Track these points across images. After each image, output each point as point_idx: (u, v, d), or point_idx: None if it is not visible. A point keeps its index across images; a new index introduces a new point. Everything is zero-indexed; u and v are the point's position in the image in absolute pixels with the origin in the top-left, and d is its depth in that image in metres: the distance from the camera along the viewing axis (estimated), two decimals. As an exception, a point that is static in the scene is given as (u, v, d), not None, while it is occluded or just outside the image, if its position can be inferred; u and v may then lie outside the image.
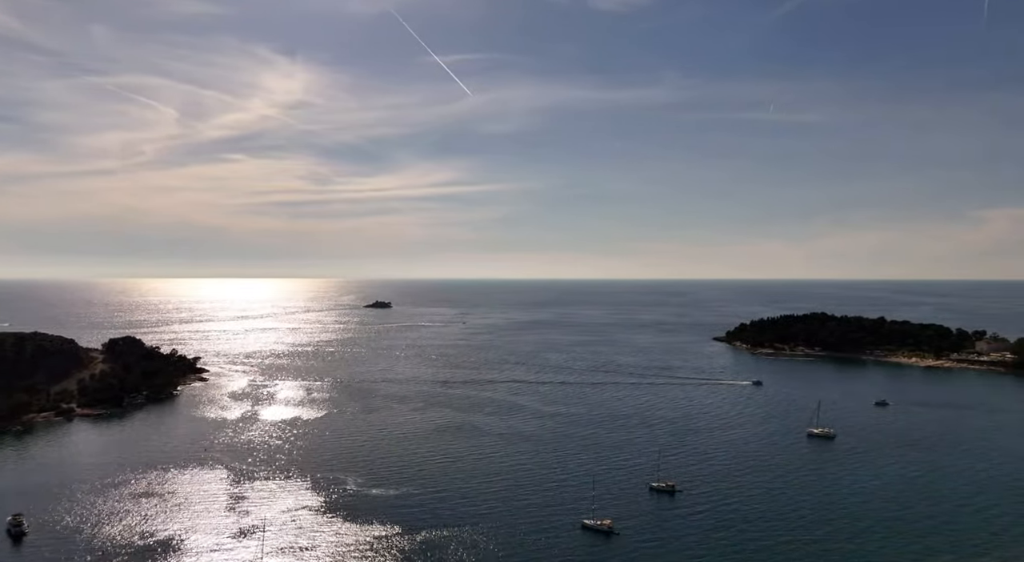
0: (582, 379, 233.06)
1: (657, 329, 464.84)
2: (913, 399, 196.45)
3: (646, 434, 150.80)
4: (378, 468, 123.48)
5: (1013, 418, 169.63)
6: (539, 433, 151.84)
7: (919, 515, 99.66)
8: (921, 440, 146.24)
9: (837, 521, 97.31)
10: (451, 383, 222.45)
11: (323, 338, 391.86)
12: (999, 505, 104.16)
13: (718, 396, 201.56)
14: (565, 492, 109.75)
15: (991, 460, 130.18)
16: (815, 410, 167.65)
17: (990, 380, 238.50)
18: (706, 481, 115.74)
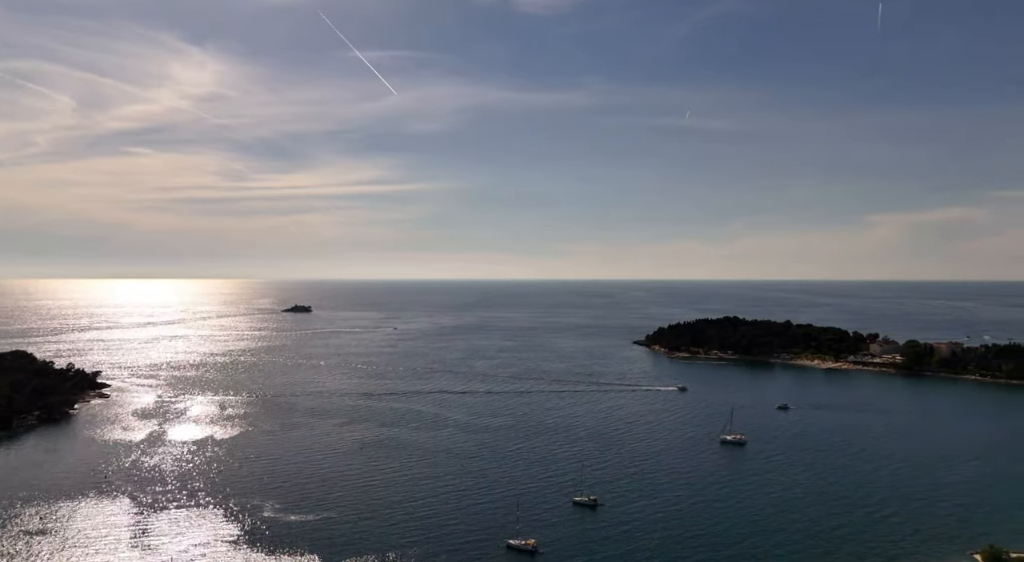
0: (508, 388, 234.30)
1: (581, 332, 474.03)
2: (813, 402, 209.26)
3: (569, 446, 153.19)
4: (298, 492, 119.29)
5: (903, 420, 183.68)
6: (465, 448, 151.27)
7: (826, 523, 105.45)
8: (822, 444, 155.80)
9: (750, 531, 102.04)
10: (375, 395, 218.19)
11: (238, 346, 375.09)
12: (898, 512, 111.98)
13: (639, 403, 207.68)
14: (490, 511, 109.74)
15: (886, 463, 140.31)
16: (728, 417, 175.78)
17: (882, 381, 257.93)
18: (626, 493, 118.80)
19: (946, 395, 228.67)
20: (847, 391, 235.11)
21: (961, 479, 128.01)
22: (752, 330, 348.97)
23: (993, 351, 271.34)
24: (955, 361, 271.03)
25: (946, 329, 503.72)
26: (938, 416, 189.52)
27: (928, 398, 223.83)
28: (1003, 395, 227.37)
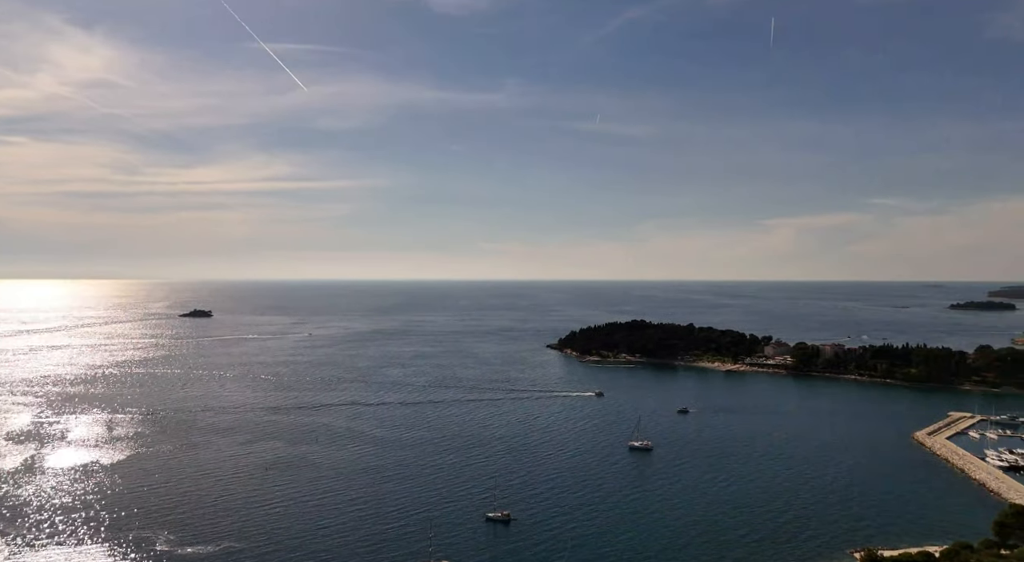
0: (423, 397, 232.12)
1: (499, 336, 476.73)
2: (712, 405, 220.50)
3: (484, 458, 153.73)
4: (195, 520, 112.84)
5: (792, 421, 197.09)
6: (377, 464, 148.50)
7: (725, 529, 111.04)
8: (721, 448, 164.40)
9: (655, 540, 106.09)
10: (283, 409, 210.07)
11: (128, 357, 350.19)
12: (789, 513, 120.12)
13: (555, 410, 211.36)
14: (403, 534, 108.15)
15: (778, 465, 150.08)
16: (636, 423, 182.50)
17: (774, 382, 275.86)
18: (539, 506, 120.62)
19: (830, 395, 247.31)
20: (743, 393, 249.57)
21: (843, 479, 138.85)
22: (658, 333, 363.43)
23: (870, 352, 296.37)
24: (838, 362, 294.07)
25: (832, 330, 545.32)
26: (823, 416, 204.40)
27: (814, 398, 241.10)
28: (878, 393, 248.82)
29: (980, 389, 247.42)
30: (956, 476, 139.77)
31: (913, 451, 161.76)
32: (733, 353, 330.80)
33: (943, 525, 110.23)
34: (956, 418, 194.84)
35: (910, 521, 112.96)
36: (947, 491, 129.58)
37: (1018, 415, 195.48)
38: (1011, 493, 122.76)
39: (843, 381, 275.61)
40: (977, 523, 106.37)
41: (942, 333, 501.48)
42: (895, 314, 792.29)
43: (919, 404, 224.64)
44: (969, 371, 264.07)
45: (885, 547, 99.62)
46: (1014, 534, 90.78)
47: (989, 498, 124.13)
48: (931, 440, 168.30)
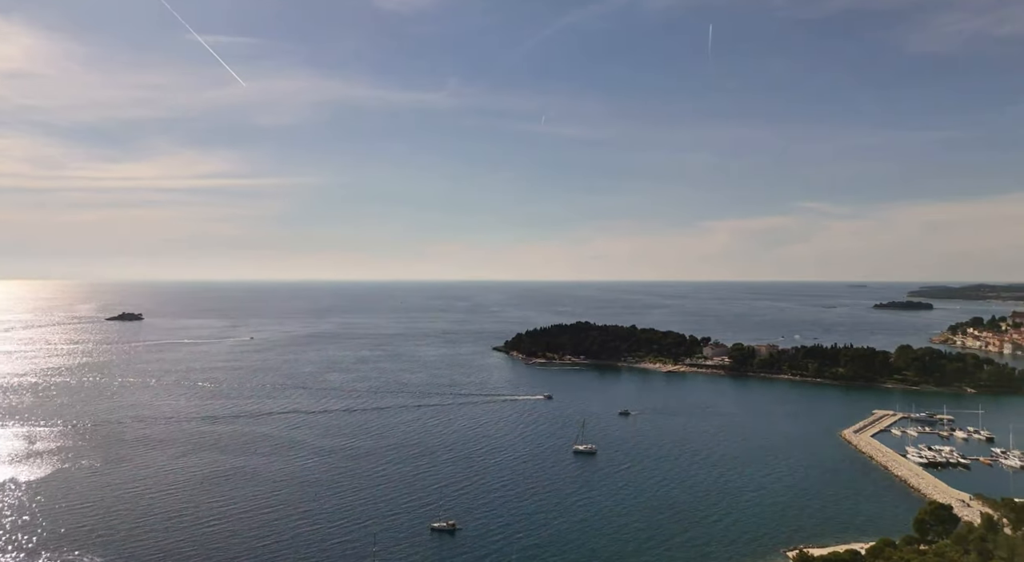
0: (366, 404, 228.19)
1: (442, 339, 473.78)
2: (653, 406, 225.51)
3: (429, 465, 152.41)
4: (122, 540, 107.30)
5: (730, 421, 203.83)
6: (319, 475, 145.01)
7: (669, 532, 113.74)
8: (662, 450, 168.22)
9: (602, 547, 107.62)
10: (219, 418, 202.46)
11: (51, 364, 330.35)
12: (727, 513, 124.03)
13: (502, 414, 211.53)
14: (346, 548, 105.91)
15: (716, 466, 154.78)
16: (581, 426, 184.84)
17: (713, 383, 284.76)
18: (484, 514, 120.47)
19: (765, 394, 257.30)
20: (683, 394, 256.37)
21: (777, 478, 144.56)
22: (602, 335, 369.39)
23: (802, 352, 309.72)
24: (772, 362, 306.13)
25: (767, 329, 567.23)
26: (758, 416, 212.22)
27: (750, 398, 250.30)
28: (809, 392, 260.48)
29: (901, 387, 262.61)
30: (880, 473, 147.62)
31: (841, 449, 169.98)
32: (674, 354, 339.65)
33: (869, 522, 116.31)
34: (880, 416, 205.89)
35: (839, 519, 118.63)
36: (873, 488, 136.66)
37: (936, 412, 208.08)
38: (929, 489, 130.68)
39: (777, 381, 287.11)
40: (900, 519, 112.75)
41: (867, 332, 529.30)
42: (824, 313, 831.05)
43: (846, 402, 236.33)
44: (891, 370, 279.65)
45: (816, 546, 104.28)
46: (932, 530, 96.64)
47: (910, 494, 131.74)
48: (857, 438, 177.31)
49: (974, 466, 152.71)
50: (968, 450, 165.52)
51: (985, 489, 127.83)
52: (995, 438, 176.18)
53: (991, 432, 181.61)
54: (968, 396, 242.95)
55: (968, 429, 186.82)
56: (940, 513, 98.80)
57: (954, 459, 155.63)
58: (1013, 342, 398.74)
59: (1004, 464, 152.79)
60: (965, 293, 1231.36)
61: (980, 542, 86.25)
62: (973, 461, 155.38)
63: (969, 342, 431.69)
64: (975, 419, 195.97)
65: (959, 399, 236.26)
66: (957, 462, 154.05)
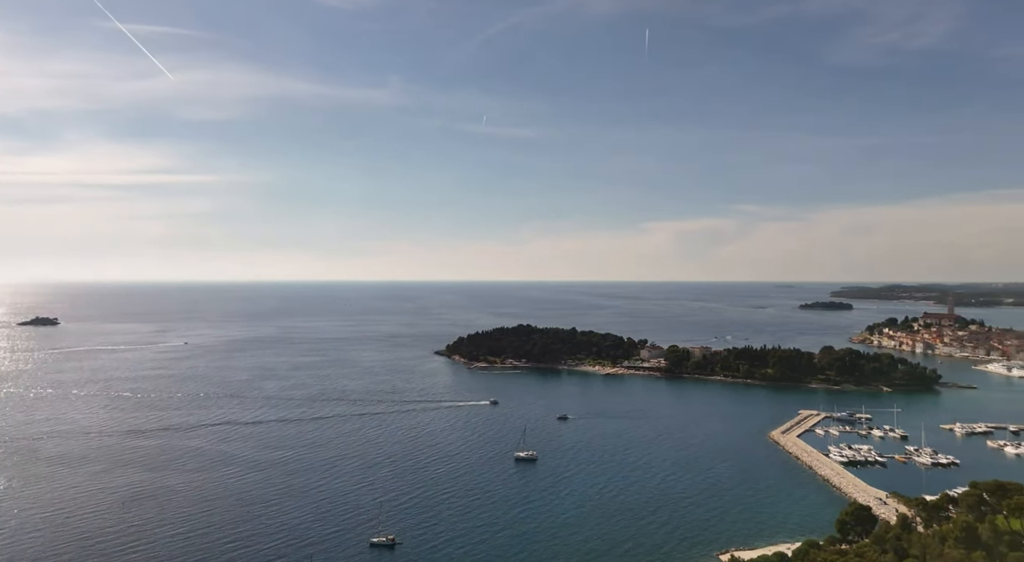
0: (303, 413, 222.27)
1: (385, 343, 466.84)
2: (592, 410, 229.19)
3: (369, 477, 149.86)
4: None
5: (666, 424, 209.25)
6: (253, 490, 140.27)
7: (609, 538, 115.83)
8: (601, 455, 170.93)
9: (543, 556, 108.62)
10: (144, 432, 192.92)
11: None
12: (663, 517, 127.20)
13: (445, 421, 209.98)
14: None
15: (653, 469, 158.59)
16: (522, 432, 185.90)
17: (649, 385, 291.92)
18: (425, 528, 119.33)
19: (698, 396, 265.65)
20: (620, 397, 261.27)
21: (709, 480, 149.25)
22: (543, 338, 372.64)
23: (733, 354, 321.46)
24: (706, 363, 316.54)
25: (701, 330, 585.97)
26: (691, 418, 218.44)
27: (685, 400, 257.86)
28: (740, 393, 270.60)
29: (825, 387, 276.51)
30: (806, 473, 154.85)
31: (769, 450, 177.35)
32: (613, 356, 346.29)
33: (796, 523, 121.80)
34: (805, 416, 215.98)
35: (768, 520, 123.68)
36: (799, 489, 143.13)
37: (855, 411, 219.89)
38: (850, 488, 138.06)
39: (711, 382, 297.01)
40: (825, 519, 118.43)
41: (793, 332, 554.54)
42: (754, 314, 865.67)
43: (774, 403, 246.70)
44: (815, 370, 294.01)
45: (746, 548, 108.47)
46: (852, 530, 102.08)
47: (833, 493, 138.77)
48: (784, 438, 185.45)
49: (890, 464, 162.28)
50: (885, 448, 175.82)
51: (900, 487, 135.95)
52: (908, 436, 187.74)
53: (905, 430, 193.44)
54: (885, 395, 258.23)
55: (885, 427, 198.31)
56: (860, 514, 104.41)
57: (872, 457, 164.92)
58: (924, 342, 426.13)
59: (917, 462, 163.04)
60: (882, 293, 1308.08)
61: (896, 541, 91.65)
62: (889, 459, 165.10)
63: (885, 342, 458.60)
64: (891, 417, 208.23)
65: (877, 398, 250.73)
66: (875, 460, 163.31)
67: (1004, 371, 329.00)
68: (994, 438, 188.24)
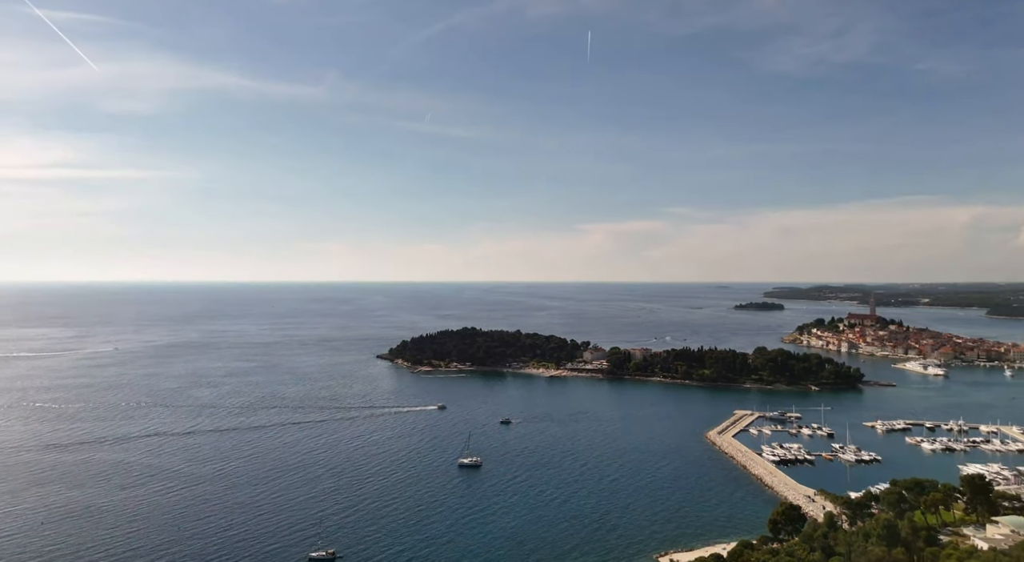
0: (238, 422, 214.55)
1: (323, 347, 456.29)
2: (535, 414, 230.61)
3: (309, 488, 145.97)
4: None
5: (608, 426, 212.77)
6: (185, 506, 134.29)
7: (555, 543, 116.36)
8: (544, 459, 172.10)
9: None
10: (64, 446, 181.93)
11: None
12: (604, 521, 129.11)
13: (386, 429, 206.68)
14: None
15: (596, 472, 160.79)
16: (466, 438, 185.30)
17: (592, 387, 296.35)
18: (367, 541, 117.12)
19: (639, 397, 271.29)
20: (563, 400, 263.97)
21: (648, 482, 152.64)
22: (487, 341, 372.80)
23: (672, 355, 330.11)
24: (646, 365, 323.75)
25: (641, 331, 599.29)
26: (632, 420, 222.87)
27: (626, 402, 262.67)
28: (679, 394, 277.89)
29: (758, 387, 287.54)
30: (740, 473, 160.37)
31: (706, 450, 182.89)
32: (557, 358, 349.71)
33: (731, 523, 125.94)
34: (740, 416, 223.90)
35: (705, 521, 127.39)
36: (734, 488, 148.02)
37: (786, 410, 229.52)
38: (781, 487, 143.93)
39: (651, 383, 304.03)
40: (758, 518, 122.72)
41: (729, 333, 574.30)
42: (691, 315, 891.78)
43: (711, 403, 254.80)
44: (749, 371, 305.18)
45: (683, 549, 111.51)
46: (783, 529, 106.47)
47: (766, 492, 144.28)
48: (720, 439, 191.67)
49: (818, 462, 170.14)
50: (813, 446, 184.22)
51: (827, 484, 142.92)
52: (835, 434, 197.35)
53: (832, 428, 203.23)
54: (813, 394, 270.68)
55: (813, 426, 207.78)
56: (790, 513, 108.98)
57: (801, 456, 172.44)
58: (848, 341, 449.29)
59: (842, 459, 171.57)
60: (810, 294, 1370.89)
61: (823, 540, 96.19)
62: (817, 457, 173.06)
63: (814, 341, 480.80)
64: (819, 416, 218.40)
65: (806, 397, 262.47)
66: (804, 459, 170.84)
67: (920, 369, 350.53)
68: (912, 435, 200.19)
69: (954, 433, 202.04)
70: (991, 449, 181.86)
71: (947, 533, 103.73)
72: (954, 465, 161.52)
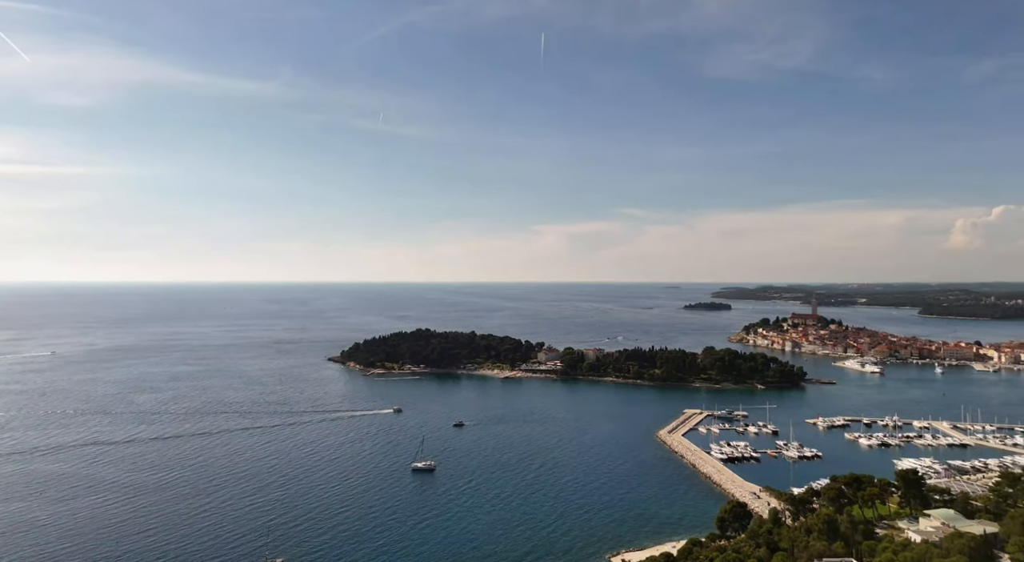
0: (183, 429, 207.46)
1: (274, 350, 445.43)
2: (489, 416, 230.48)
3: (257, 499, 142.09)
4: None
5: (561, 428, 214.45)
6: (126, 519, 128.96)
7: (510, 547, 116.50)
8: (496, 462, 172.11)
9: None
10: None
11: None
12: (560, 523, 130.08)
13: (338, 434, 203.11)
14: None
15: (548, 474, 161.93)
16: (420, 442, 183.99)
17: (546, 387, 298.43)
18: (318, 550, 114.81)
19: (592, 398, 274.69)
20: (517, 401, 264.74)
21: (600, 483, 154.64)
22: (442, 343, 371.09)
23: (624, 355, 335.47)
24: (599, 365, 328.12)
25: (594, 331, 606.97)
26: (585, 421, 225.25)
27: (579, 402, 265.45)
28: (631, 394, 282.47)
29: (707, 386, 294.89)
30: (690, 471, 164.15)
31: (657, 449, 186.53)
32: (511, 359, 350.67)
33: (681, 521, 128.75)
34: (689, 415, 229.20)
35: (656, 520, 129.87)
36: (684, 487, 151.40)
37: (734, 409, 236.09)
38: (729, 484, 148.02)
39: (604, 383, 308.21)
40: (707, 516, 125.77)
41: (678, 333, 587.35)
42: (642, 315, 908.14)
43: (662, 403, 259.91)
44: (698, 370, 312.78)
45: (635, 549, 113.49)
46: (731, 526, 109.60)
47: (715, 490, 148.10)
48: (671, 438, 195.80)
49: (763, 459, 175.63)
50: (759, 444, 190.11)
51: (772, 480, 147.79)
52: (779, 431, 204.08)
53: (776, 426, 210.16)
54: (759, 392, 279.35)
55: (759, 424, 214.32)
56: (736, 510, 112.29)
57: (748, 453, 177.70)
58: (792, 341, 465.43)
59: (786, 456, 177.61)
60: (756, 294, 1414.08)
61: (768, 536, 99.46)
62: (763, 454, 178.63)
63: (759, 341, 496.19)
64: (764, 414, 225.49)
65: (752, 395, 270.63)
66: (750, 456, 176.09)
67: (858, 367, 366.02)
68: (851, 431, 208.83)
69: (889, 429, 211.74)
70: (923, 444, 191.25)
71: (883, 526, 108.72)
72: (889, 460, 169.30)
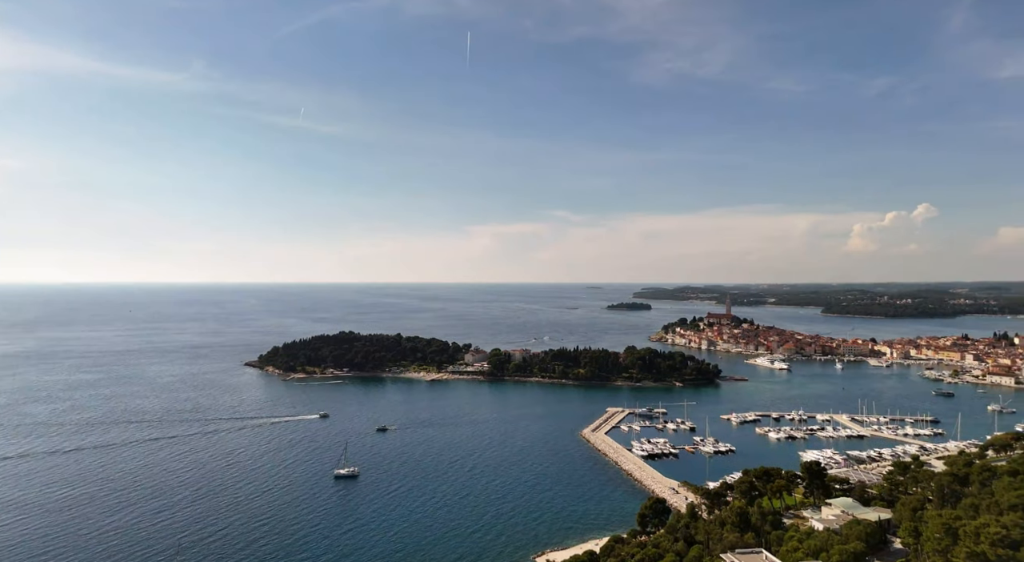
0: (84, 441, 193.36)
1: (185, 355, 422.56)
2: (414, 420, 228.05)
3: (165, 513, 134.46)
4: None
5: (486, 429, 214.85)
6: (16, 541, 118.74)
7: (437, 552, 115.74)
8: (421, 466, 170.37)
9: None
10: None
11: None
12: (491, 523, 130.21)
13: (255, 442, 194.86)
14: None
15: (474, 477, 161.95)
16: (343, 448, 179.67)
17: (473, 389, 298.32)
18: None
19: (518, 398, 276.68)
20: (444, 403, 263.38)
21: (525, 484, 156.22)
22: (366, 346, 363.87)
23: (550, 355, 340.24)
24: (525, 366, 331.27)
25: (521, 331, 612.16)
26: (511, 422, 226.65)
27: (506, 403, 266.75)
28: (556, 394, 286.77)
29: (629, 384, 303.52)
30: (612, 469, 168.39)
31: (581, 448, 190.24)
32: (438, 362, 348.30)
33: (604, 519, 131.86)
34: (612, 413, 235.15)
35: (580, 518, 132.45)
36: (607, 484, 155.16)
37: (654, 406, 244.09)
38: (649, 480, 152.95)
39: (530, 383, 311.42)
40: (629, 512, 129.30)
41: (601, 332, 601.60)
42: (567, 315, 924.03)
43: (586, 402, 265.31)
44: (621, 369, 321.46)
45: (559, 548, 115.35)
46: (651, 522, 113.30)
47: (636, 486, 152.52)
48: (594, 436, 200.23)
49: (682, 455, 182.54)
50: (677, 440, 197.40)
51: (689, 476, 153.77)
52: (696, 428, 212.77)
53: (693, 422, 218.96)
54: (678, 389, 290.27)
55: (677, 420, 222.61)
56: (656, 506, 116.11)
57: (667, 450, 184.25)
58: (707, 339, 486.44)
59: (702, 451, 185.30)
60: (675, 294, 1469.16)
61: (685, 529, 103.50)
62: (681, 450, 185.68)
63: (678, 340, 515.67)
64: (682, 411, 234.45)
65: (671, 393, 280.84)
66: (669, 452, 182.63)
67: (768, 364, 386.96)
68: (761, 425, 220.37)
69: (795, 422, 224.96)
70: (826, 436, 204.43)
71: (790, 516, 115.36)
72: (795, 452, 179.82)
